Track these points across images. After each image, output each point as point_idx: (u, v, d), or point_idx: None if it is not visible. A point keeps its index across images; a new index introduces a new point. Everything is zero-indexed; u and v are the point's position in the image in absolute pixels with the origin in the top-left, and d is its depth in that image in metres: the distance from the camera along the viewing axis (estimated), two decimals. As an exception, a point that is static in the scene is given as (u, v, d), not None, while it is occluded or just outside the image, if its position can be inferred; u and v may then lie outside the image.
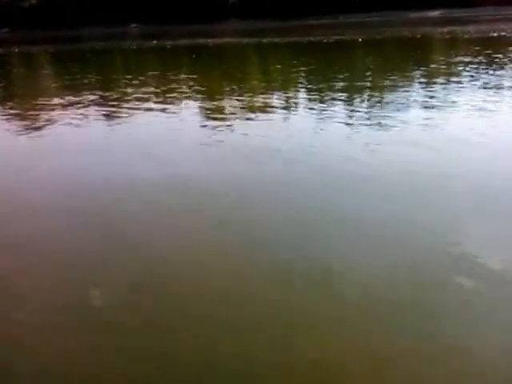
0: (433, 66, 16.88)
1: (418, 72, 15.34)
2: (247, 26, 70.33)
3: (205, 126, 9.52)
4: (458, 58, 18.42)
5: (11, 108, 12.69)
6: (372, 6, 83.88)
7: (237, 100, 11.86)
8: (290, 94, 12.80)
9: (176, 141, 8.20)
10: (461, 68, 15.48)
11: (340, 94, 11.80)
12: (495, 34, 29.48)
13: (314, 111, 10.10)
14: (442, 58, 19.26)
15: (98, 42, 45.24)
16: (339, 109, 10.06)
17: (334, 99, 11.25)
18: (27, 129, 9.91)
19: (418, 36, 32.90)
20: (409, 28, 43.03)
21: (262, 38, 37.52)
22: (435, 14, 78.80)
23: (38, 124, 10.44)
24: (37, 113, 11.83)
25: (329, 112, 9.80)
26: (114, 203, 5.51)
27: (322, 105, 10.67)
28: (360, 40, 31.00)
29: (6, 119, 11.05)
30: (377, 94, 12.00)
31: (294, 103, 11.30)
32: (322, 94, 12.19)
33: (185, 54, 29.74)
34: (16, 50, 41.47)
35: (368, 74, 15.37)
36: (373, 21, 64.61)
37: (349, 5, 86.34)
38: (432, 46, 28.88)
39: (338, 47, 28.70)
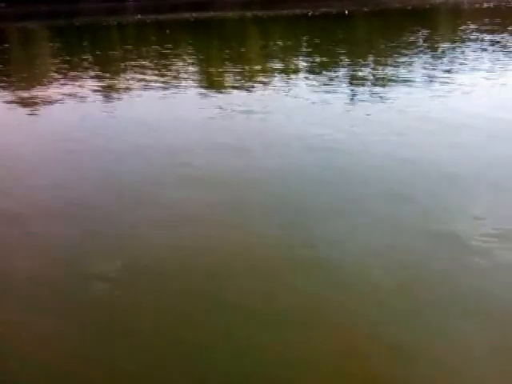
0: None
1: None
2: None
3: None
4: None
5: (11, 86, 12.78)
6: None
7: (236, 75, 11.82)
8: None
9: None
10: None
11: (332, 72, 11.62)
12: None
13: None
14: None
15: (94, 16, 44.57)
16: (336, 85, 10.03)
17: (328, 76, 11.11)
18: (28, 109, 9.89)
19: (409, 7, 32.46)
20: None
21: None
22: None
23: (36, 103, 10.36)
24: (35, 91, 11.76)
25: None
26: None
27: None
28: (346, 12, 30.59)
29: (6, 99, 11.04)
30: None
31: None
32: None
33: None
34: (12, 25, 41.03)
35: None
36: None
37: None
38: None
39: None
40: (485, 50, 13.37)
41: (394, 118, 7.58)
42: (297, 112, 8.24)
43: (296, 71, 12.31)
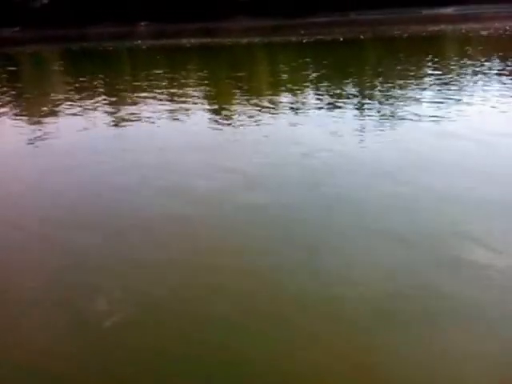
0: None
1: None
2: (256, 23, 70.11)
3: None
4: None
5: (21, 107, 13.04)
6: (382, 3, 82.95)
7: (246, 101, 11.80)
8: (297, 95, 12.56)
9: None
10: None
11: (349, 100, 11.32)
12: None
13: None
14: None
15: (106, 41, 45.28)
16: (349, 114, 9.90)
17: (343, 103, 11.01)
18: (38, 131, 9.95)
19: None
20: (418, 25, 42.53)
21: (270, 37, 37.26)
22: (448, 10, 77.94)
23: (46, 127, 10.41)
24: (45, 114, 11.95)
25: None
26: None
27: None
28: (362, 37, 30.83)
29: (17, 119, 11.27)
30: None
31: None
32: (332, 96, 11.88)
33: (191, 54, 29.67)
34: (26, 49, 41.92)
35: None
36: (384, 18, 64.06)
37: (358, 1, 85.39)
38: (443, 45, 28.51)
39: (345, 46, 28.42)
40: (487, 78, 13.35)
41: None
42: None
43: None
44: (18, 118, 11.49)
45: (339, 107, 10.36)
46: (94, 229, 5.03)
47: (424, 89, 12.12)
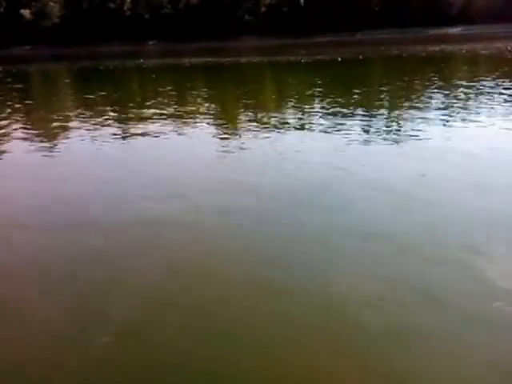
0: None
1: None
2: (262, 43, 71.07)
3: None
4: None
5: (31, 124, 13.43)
6: (390, 23, 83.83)
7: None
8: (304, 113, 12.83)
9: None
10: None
11: (355, 118, 11.41)
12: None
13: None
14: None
15: (114, 59, 46.04)
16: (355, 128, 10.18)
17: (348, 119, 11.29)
18: (48, 146, 10.24)
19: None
20: (424, 45, 42.99)
21: (276, 57, 37.81)
22: (455, 30, 78.63)
23: (54, 141, 10.78)
24: (55, 130, 12.26)
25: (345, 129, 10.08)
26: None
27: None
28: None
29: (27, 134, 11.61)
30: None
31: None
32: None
33: (200, 72, 30.18)
34: (36, 66, 42.75)
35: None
36: (390, 38, 64.77)
37: (367, 21, 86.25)
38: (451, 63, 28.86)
39: (354, 65, 28.82)
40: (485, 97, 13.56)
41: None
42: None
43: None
44: (29, 133, 11.84)
45: (342, 124, 10.59)
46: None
47: (427, 108, 12.31)
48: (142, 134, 10.81)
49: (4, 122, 13.35)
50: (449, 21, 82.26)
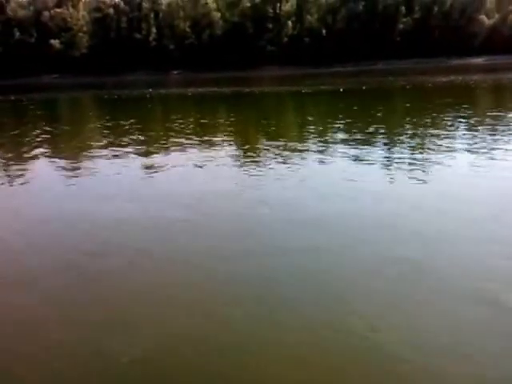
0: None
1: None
2: (284, 73, 71.81)
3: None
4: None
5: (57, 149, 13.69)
6: (413, 53, 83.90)
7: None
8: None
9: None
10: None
11: (375, 149, 11.34)
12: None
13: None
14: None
15: (139, 88, 46.94)
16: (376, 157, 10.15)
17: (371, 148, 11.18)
18: (71, 173, 10.38)
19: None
20: (446, 75, 42.85)
21: (297, 86, 38.10)
22: (479, 60, 78.34)
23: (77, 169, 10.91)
24: (78, 158, 12.45)
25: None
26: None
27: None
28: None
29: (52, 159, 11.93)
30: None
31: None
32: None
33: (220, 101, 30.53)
34: (64, 94, 43.88)
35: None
36: (412, 67, 64.86)
37: (389, 51, 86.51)
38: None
39: (374, 95, 28.83)
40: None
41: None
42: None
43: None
44: (54, 158, 12.12)
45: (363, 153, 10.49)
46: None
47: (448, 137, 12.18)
48: (164, 165, 10.72)
49: (30, 148, 13.70)
50: (472, 51, 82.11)
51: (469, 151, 10.18)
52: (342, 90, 30.97)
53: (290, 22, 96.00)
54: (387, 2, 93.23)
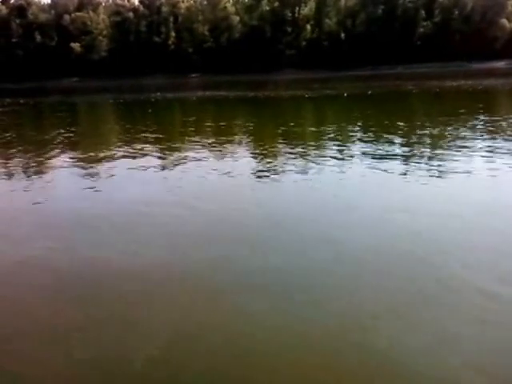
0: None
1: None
2: (303, 76, 71.60)
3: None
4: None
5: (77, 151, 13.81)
6: (433, 57, 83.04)
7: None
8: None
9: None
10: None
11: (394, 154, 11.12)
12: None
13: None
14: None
15: (158, 91, 47.14)
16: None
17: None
18: (90, 176, 10.30)
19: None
20: (466, 80, 42.26)
21: (316, 90, 37.90)
22: (500, 64, 77.26)
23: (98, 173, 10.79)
24: (98, 161, 12.31)
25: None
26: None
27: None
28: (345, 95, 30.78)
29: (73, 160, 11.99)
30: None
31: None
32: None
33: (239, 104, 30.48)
34: (83, 98, 44.26)
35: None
36: (432, 71, 64.21)
37: (408, 55, 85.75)
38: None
39: (394, 99, 28.55)
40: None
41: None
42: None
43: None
44: (74, 160, 12.12)
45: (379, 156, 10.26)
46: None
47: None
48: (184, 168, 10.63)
49: (52, 149, 13.79)
50: (493, 55, 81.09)
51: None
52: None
53: (308, 26, 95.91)
54: (407, 6, 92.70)
